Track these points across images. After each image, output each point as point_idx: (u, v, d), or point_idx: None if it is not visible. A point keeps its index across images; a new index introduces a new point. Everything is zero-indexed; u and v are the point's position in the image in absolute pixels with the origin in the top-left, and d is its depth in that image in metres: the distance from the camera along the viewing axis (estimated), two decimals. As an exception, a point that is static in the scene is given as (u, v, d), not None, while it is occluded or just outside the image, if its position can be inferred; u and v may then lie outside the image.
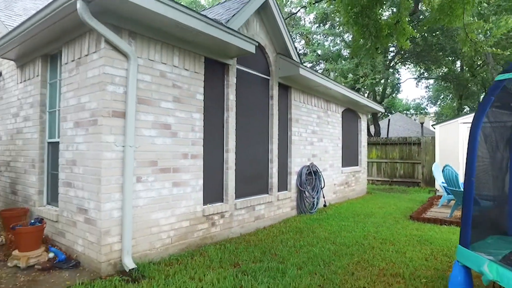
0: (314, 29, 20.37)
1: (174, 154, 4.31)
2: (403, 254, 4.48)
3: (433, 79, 25.90)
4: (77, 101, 4.01)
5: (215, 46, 4.73)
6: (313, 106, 7.91)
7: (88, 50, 3.85)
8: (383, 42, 5.30)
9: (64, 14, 3.60)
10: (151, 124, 4.05)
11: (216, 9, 6.22)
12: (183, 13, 3.84)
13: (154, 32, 4.05)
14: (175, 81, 4.37)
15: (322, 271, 3.79)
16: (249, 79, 5.89)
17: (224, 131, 5.27)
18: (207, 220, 4.84)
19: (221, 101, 5.25)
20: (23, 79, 5.42)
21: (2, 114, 6.16)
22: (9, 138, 5.83)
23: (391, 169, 14.34)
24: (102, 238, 3.57)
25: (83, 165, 3.86)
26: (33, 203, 4.96)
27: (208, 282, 3.40)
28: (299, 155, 7.30)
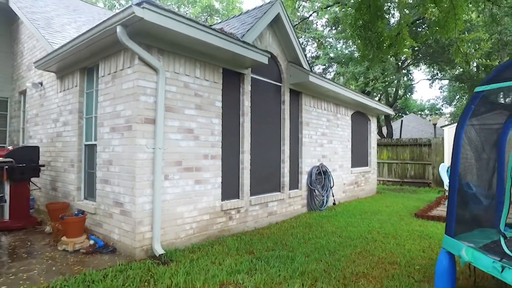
0: (326, 33, 20.77)
1: (196, 155, 4.89)
2: (403, 246, 4.93)
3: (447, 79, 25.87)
4: (113, 109, 4.63)
5: (232, 58, 5.29)
6: (323, 110, 8.39)
7: (123, 65, 4.46)
8: (385, 53, 5.75)
9: (104, 36, 4.23)
10: (177, 129, 4.63)
11: (232, 22, 6.78)
12: (206, 32, 4.41)
13: (179, 49, 4.64)
14: (197, 90, 4.95)
15: (327, 259, 4.29)
16: (263, 86, 6.43)
17: (240, 134, 5.82)
18: (225, 214, 5.40)
19: (237, 107, 5.81)
20: (62, 88, 6.10)
21: (43, 119, 6.88)
22: (50, 141, 6.53)
23: (402, 170, 14.63)
24: (136, 227, 4.17)
25: (119, 164, 4.47)
26: (72, 198, 5.63)
27: (227, 265, 3.95)
28: (310, 156, 7.79)
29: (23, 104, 8.43)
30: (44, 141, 6.82)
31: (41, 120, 7.02)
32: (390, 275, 3.75)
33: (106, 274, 3.59)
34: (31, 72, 7.61)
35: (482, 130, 3.81)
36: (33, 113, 7.44)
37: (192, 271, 3.71)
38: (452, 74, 26.20)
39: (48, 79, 6.75)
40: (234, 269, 3.82)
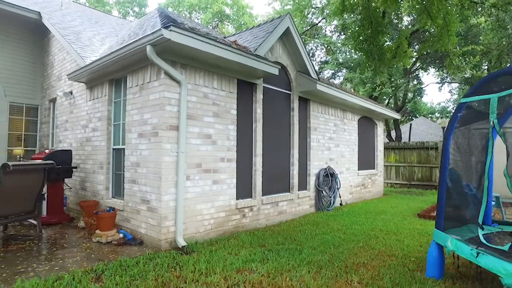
0: (334, 39, 21.23)
1: (214, 158, 5.44)
2: (402, 242, 5.38)
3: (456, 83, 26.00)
4: (140, 117, 5.22)
5: (246, 70, 5.84)
6: (330, 116, 8.87)
7: (150, 79, 5.05)
8: (386, 64, 6.21)
9: (134, 53, 4.83)
10: (197, 134, 5.20)
11: (245, 35, 7.34)
12: (224, 49, 4.97)
13: (200, 63, 5.21)
14: (215, 100, 5.51)
15: (331, 251, 4.78)
16: (273, 95, 6.96)
17: (253, 139, 6.35)
18: (239, 212, 5.93)
19: (250, 114, 6.35)
20: (91, 97, 6.74)
21: (73, 125, 7.54)
22: (79, 145, 7.17)
23: (409, 172, 14.95)
24: (162, 222, 4.73)
25: (146, 166, 5.05)
26: (101, 197, 6.24)
27: (242, 256, 4.47)
28: (317, 159, 8.28)
29: (52, 111, 9.13)
30: (73, 145, 7.47)
31: (70, 126, 7.68)
32: (387, 265, 4.22)
33: (138, 261, 4.15)
34: (61, 82, 8.29)
35: (471, 135, 4.25)
36: (62, 119, 8.11)
37: (212, 260, 4.25)
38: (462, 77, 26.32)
39: (77, 88, 7.41)
40: (249, 259, 4.34)
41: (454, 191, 4.06)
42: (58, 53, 8.62)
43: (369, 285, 3.55)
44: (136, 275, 3.71)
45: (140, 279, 3.59)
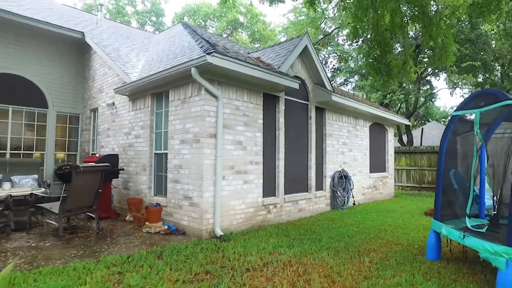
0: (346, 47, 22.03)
1: (244, 161, 6.34)
2: (408, 234, 6.17)
3: (467, 88, 26.41)
4: (182, 126, 6.17)
5: (271, 85, 6.74)
6: (343, 123, 9.70)
7: (191, 94, 5.99)
8: (394, 78, 7.02)
9: (179, 73, 5.78)
10: (231, 141, 6.11)
11: (267, 52, 8.25)
12: (254, 69, 5.89)
13: (233, 80, 6.13)
14: (244, 111, 6.42)
15: (346, 240, 5.60)
16: (293, 105, 7.83)
17: (276, 144, 7.24)
18: (265, 208, 6.81)
19: (274, 123, 7.23)
20: (134, 108, 7.74)
21: (115, 132, 8.56)
22: (122, 150, 8.18)
23: (420, 176, 15.59)
24: (203, 215, 5.64)
25: (188, 168, 5.98)
26: (144, 195, 7.20)
27: (271, 243, 5.34)
28: (332, 163, 9.11)
29: (93, 119, 10.19)
30: (116, 150, 8.48)
31: (112, 133, 8.70)
32: (394, 251, 5.03)
33: (186, 246, 5.07)
34: (103, 94, 9.34)
35: (463, 142, 5.04)
36: (104, 127, 9.15)
37: (247, 245, 5.13)
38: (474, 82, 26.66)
39: (119, 100, 8.43)
40: (277, 245, 5.21)
41: (448, 189, 4.86)
42: (100, 68, 9.69)
43: (377, 264, 4.38)
44: (189, 255, 4.61)
45: (193, 258, 4.49)
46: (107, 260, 4.28)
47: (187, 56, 6.28)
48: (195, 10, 39.98)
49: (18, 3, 10.57)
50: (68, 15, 12.22)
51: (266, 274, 3.93)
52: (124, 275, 3.83)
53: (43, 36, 9.82)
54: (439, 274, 4.03)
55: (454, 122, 4.61)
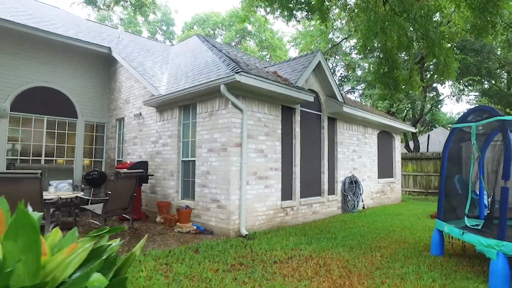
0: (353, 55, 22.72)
1: (265, 167, 7.02)
2: (415, 234, 6.77)
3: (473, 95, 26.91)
4: (210, 136, 6.87)
5: (289, 98, 7.43)
6: (353, 131, 10.35)
7: (219, 107, 6.70)
8: (400, 92, 7.66)
9: (209, 89, 6.50)
10: (253, 150, 6.79)
11: (284, 67, 8.96)
12: (275, 85, 6.59)
13: (256, 95, 6.83)
14: (265, 122, 7.11)
15: (359, 239, 6.23)
16: (308, 116, 8.51)
17: (292, 152, 7.90)
18: (283, 210, 7.46)
19: (290, 133, 7.91)
20: (162, 119, 8.47)
21: (142, 141, 9.29)
22: (149, 157, 8.90)
23: (426, 181, 16.11)
24: (230, 216, 6.31)
25: (216, 174, 6.66)
26: (172, 198, 7.89)
27: (291, 241, 5.98)
28: (343, 169, 9.74)
29: (118, 128, 10.96)
30: (143, 157, 9.20)
31: (139, 141, 9.44)
32: (402, 247, 5.65)
33: (217, 243, 5.74)
34: (129, 105, 10.11)
35: (463, 150, 5.66)
36: (131, 136, 9.89)
37: (271, 243, 5.78)
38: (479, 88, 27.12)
39: (146, 111, 9.18)
40: (297, 242, 5.86)
41: (451, 193, 5.48)
42: (126, 81, 10.47)
43: (387, 258, 5.00)
44: (221, 250, 5.28)
45: (226, 252, 5.16)
46: (153, 254, 4.97)
47: (214, 73, 7.00)
48: (204, 20, 40.96)
49: (50, 22, 11.43)
50: (95, 30, 13.08)
51: (291, 265, 4.58)
52: (170, 265, 4.50)
53: (74, 51, 10.64)
54: (441, 266, 4.64)
55: (455, 133, 5.24)
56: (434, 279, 4.07)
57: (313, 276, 4.17)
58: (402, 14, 5.51)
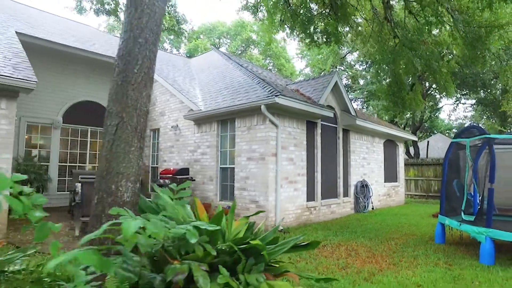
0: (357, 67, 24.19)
1: (294, 173, 8.34)
2: (420, 229, 8.09)
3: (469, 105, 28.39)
4: (248, 147, 8.19)
5: (312, 114, 8.77)
6: (363, 141, 11.70)
7: (257, 122, 8.03)
8: (407, 108, 9.02)
9: (249, 108, 7.83)
10: (285, 158, 8.12)
11: (304, 86, 10.31)
12: (304, 104, 7.94)
13: (287, 112, 8.16)
14: (294, 135, 8.44)
15: (374, 232, 7.54)
16: (326, 129, 9.85)
17: (314, 160, 9.23)
18: (308, 210, 8.77)
19: (313, 143, 9.24)
20: (200, 131, 9.80)
21: (179, 149, 10.60)
22: (187, 164, 10.20)
23: (427, 185, 17.45)
24: (268, 214, 7.61)
25: (254, 179, 7.97)
26: (211, 200, 9.19)
27: (320, 234, 7.29)
28: (355, 174, 11.08)
29: (152, 138, 12.26)
30: (180, 164, 10.50)
31: (176, 150, 10.74)
32: (411, 238, 6.97)
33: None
34: (165, 117, 11.42)
35: (459, 160, 7.00)
36: (167, 145, 11.20)
37: (304, 235, 7.08)
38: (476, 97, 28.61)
39: (183, 123, 10.49)
40: (325, 235, 7.17)
41: (450, 194, 6.81)
42: (160, 95, 11.79)
43: (401, 245, 6.32)
44: (267, 240, 6.58)
45: (271, 241, 6.45)
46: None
47: (252, 94, 8.34)
48: (210, 29, 42.32)
49: (90, 42, 12.76)
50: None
51: (328, 250, 5.90)
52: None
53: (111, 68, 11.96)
54: (444, 250, 5.97)
55: (453, 146, 6.59)
56: (439, 258, 5.39)
57: (347, 257, 5.48)
58: (411, 50, 6.86)
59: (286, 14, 9.01)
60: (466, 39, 7.13)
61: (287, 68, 40.04)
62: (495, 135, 5.51)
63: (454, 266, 5.00)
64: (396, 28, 7.37)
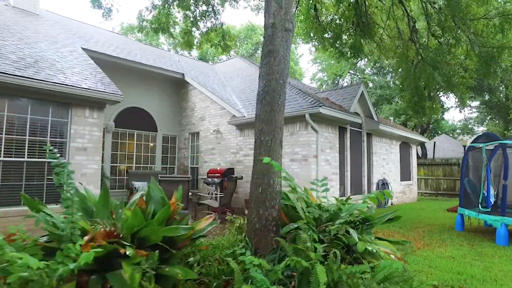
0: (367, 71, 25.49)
1: (330, 172, 9.62)
2: (439, 220, 9.37)
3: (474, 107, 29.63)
4: (291, 150, 9.47)
5: (343, 121, 10.05)
6: (383, 143, 12.98)
7: (299, 129, 9.30)
8: (426, 115, 10.30)
9: (292, 115, 9.11)
10: (323, 160, 9.40)
11: (333, 95, 11.58)
12: (340, 113, 9.22)
13: (324, 119, 9.44)
14: (329, 139, 9.72)
15: (401, 223, 8.80)
16: (353, 133, 11.13)
17: (345, 161, 10.51)
18: (340, 204, 10.04)
19: (343, 146, 10.52)
20: (242, 135, 11.07)
21: (220, 151, 11.89)
22: (229, 165, 11.48)
23: (436, 184, 18.72)
24: (309, 206, 8.88)
25: (297, 178, 9.24)
26: (254, 195, 10.46)
27: (356, 224, 8.55)
28: (376, 173, 12.35)
29: (191, 141, 13.54)
30: (221, 164, 11.78)
31: (217, 152, 12.02)
32: (434, 227, 8.25)
33: (306, 224, 8.32)
34: (205, 122, 12.70)
35: (476, 160, 8.25)
36: (208, 147, 12.48)
37: (343, 224, 8.37)
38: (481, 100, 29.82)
39: (225, 128, 11.76)
40: (361, 224, 8.43)
41: (466, 189, 8.07)
42: (200, 102, 13.06)
43: (427, 232, 7.60)
44: (315, 228, 7.86)
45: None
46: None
47: (293, 103, 9.60)
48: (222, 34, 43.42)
49: (133, 53, 14.04)
50: (160, 56, 15.71)
51: (369, 235, 7.16)
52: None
53: (153, 76, 13.25)
54: (464, 236, 7.25)
55: (470, 150, 7.86)
56: (462, 241, 6.68)
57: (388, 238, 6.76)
58: (433, 68, 8.13)
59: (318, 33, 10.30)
60: (480, 57, 8.39)
61: (295, 70, 41.26)
62: (507, 141, 6.79)
63: (476, 246, 6.28)
64: (420, 48, 8.65)
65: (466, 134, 44.10)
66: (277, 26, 4.07)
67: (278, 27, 4.07)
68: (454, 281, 4.30)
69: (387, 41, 10.22)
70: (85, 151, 7.52)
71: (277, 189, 4.09)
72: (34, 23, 11.24)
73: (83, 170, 7.42)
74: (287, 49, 4.20)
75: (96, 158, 7.77)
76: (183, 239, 3.12)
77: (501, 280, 4.36)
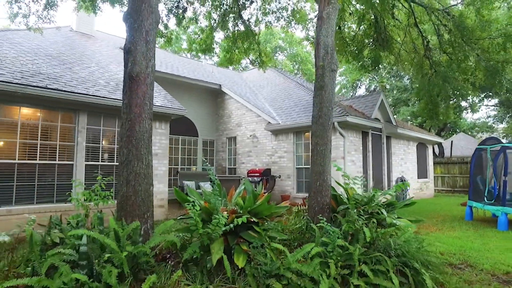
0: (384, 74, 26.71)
1: (354, 171, 11.15)
2: (452, 213, 10.77)
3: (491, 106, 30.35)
4: (321, 152, 11.04)
5: (366, 126, 11.55)
6: (401, 145, 14.39)
7: (328, 134, 10.87)
8: (440, 120, 11.71)
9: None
10: (349, 160, 10.93)
11: (356, 102, 13.06)
12: (363, 120, 10.75)
13: (349, 126, 10.97)
14: (354, 143, 11.25)
15: (419, 214, 10.26)
16: (374, 136, 12.61)
17: (367, 161, 12.01)
18: (364, 199, 11.56)
19: (366, 148, 12.02)
20: (277, 140, 12.72)
21: (257, 154, 13.56)
22: (265, 165, 13.14)
23: (453, 181, 19.89)
24: (338, 200, 10.45)
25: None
26: (289, 192, 12.08)
27: (379, 215, 10.08)
28: (395, 171, 13.78)
29: (228, 144, 15.26)
30: (258, 165, 13.45)
31: (254, 154, 13.69)
32: (446, 218, 9.68)
33: (337, 215, 9.90)
34: (242, 127, 14.40)
35: (483, 160, 9.64)
36: (245, 150, 14.17)
37: (368, 215, 9.91)
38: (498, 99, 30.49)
39: (260, 133, 13.42)
40: (383, 215, 9.96)
41: (475, 185, 9.47)
42: (236, 110, 14.76)
43: (441, 221, 9.05)
44: (344, 218, 9.44)
45: (348, 219, 9.31)
46: (310, 219, 9.15)
47: (322, 113, 11.15)
48: (242, 38, 45.13)
49: (173, 67, 15.86)
50: (196, 67, 17.51)
51: (391, 223, 8.69)
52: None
53: (193, 87, 15.03)
54: (472, 223, 8.67)
55: (477, 151, 9.26)
56: (469, 227, 8.13)
57: (406, 226, 8.28)
58: (444, 82, 9.53)
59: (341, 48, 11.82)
60: (487, 71, 9.76)
61: (312, 73, 42.61)
62: (508, 143, 8.19)
63: (480, 231, 7.73)
64: (434, 64, 10.08)
65: (485, 132, 44.47)
66: (325, 67, 5.67)
67: (326, 68, 5.67)
68: (456, 251, 5.83)
69: (404, 55, 11.66)
70: (156, 156, 9.29)
71: (329, 183, 5.69)
72: (96, 45, 13.20)
73: (155, 171, 9.19)
74: (333, 84, 5.79)
75: (164, 162, 9.55)
76: (276, 215, 4.79)
77: (493, 251, 5.87)
